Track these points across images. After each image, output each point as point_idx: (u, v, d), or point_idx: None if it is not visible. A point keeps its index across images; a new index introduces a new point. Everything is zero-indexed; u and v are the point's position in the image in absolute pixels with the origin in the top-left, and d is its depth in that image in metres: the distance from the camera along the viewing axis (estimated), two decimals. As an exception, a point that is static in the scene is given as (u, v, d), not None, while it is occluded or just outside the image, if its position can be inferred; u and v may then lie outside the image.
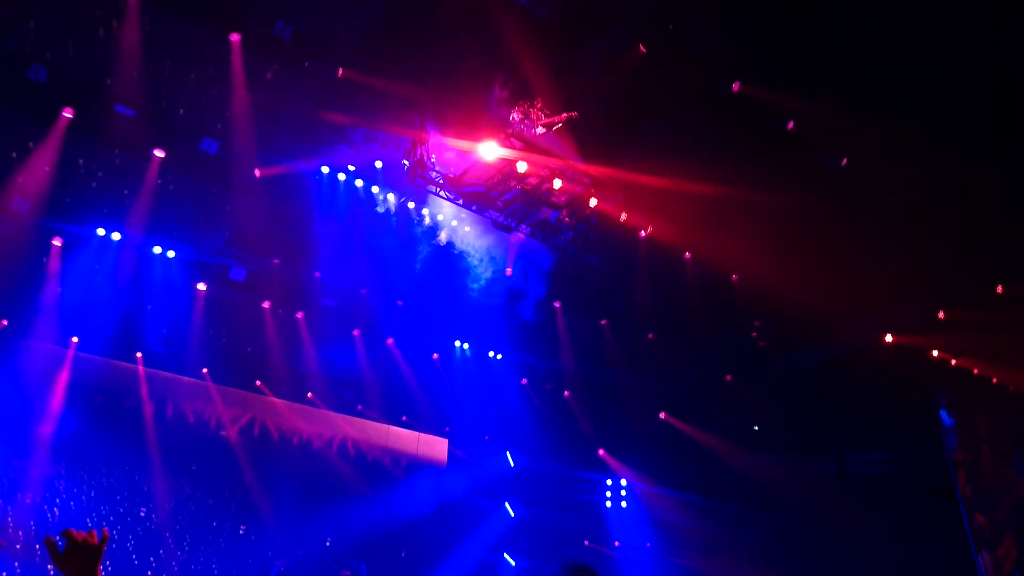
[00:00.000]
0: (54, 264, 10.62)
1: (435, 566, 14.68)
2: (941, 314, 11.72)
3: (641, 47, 9.28)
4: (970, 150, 9.31)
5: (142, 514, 12.22)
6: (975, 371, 12.19)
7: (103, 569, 2.54)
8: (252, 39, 9.07)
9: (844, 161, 10.44)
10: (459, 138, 8.44)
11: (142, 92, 9.52)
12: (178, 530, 12.47)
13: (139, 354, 12.55)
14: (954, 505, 11.97)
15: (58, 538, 2.45)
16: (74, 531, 2.44)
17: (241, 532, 13.05)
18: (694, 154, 10.42)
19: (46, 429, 11.45)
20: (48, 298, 10.97)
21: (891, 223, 10.58)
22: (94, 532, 2.47)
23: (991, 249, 10.45)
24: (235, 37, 8.96)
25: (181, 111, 9.98)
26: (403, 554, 14.57)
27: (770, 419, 13.63)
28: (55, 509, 11.36)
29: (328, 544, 13.75)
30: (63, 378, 11.76)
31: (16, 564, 10.37)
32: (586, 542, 15.62)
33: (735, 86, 9.70)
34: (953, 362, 12.22)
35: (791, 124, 10.10)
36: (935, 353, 12.23)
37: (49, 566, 10.22)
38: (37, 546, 10.48)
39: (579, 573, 2.91)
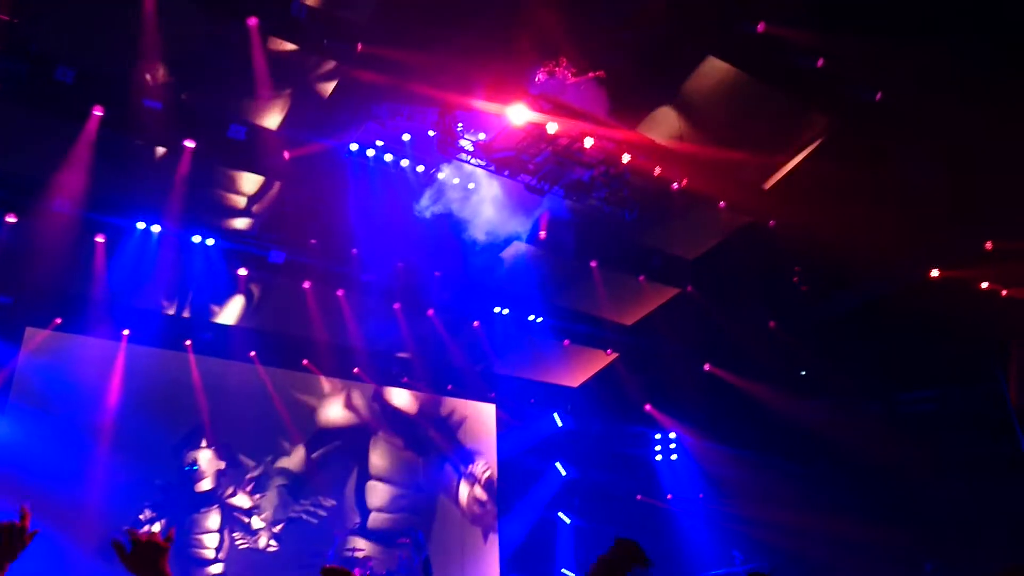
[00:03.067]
0: (100, 260, 10.86)
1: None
2: (988, 244, 11.43)
3: (662, -5, 9.11)
4: (1010, 71, 9.02)
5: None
6: (1027, 300, 11.92)
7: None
8: (269, 21, 9.07)
9: (879, 95, 10.18)
10: (486, 103, 8.37)
11: (167, 84, 9.62)
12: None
13: (188, 342, 12.84)
14: (1013, 439, 11.78)
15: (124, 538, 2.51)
16: (138, 531, 2.50)
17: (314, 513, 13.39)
18: (725, 101, 10.25)
19: (105, 422, 11.81)
20: (97, 294, 11.24)
21: (929, 155, 10.32)
22: (157, 534, 2.54)
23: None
24: (252, 21, 8.96)
25: (206, 100, 10.07)
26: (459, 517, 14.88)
27: (816, 363, 13.49)
28: (119, 497, 11.73)
29: (386, 514, 14.07)
30: (118, 370, 12.10)
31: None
32: (639, 497, 15.74)
33: (760, 27, 9.49)
34: (1004, 293, 11.95)
35: (821, 61, 9.86)
36: (984, 285, 11.97)
37: None
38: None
39: (627, 548, 2.90)
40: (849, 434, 12.72)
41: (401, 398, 15.00)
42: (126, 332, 12.24)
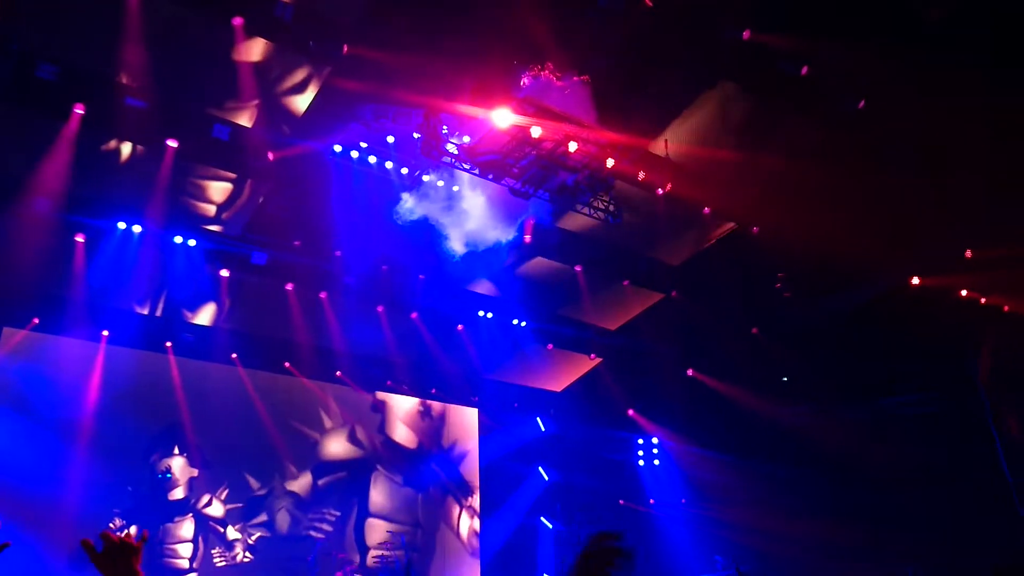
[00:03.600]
0: (79, 260, 10.75)
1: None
2: (968, 253, 11.55)
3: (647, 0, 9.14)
4: (993, 82, 9.12)
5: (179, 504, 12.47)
6: (1006, 308, 12.05)
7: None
8: (255, 21, 9.02)
9: (862, 103, 10.26)
10: (471, 107, 8.36)
11: (151, 83, 9.53)
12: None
13: (169, 343, 12.72)
14: (991, 445, 11.89)
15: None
16: (111, 533, 2.48)
17: (286, 515, 13.27)
18: (709, 106, 10.29)
19: (83, 424, 11.67)
20: (76, 294, 11.12)
21: (911, 164, 10.41)
22: (131, 534, 2.51)
23: (1016, 184, 10.25)
24: (237, 21, 8.91)
25: (190, 100, 10.00)
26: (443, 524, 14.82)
27: (799, 369, 13.57)
28: (94, 501, 11.59)
29: (367, 515, 13.99)
30: (97, 372, 11.97)
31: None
32: (621, 501, 15.75)
33: (745, 34, 9.54)
34: (983, 300, 12.08)
35: (805, 69, 9.92)
36: (964, 293, 12.09)
37: None
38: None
39: (603, 539, 2.62)
40: (831, 439, 12.79)
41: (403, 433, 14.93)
42: (105, 333, 12.11)
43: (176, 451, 12.60)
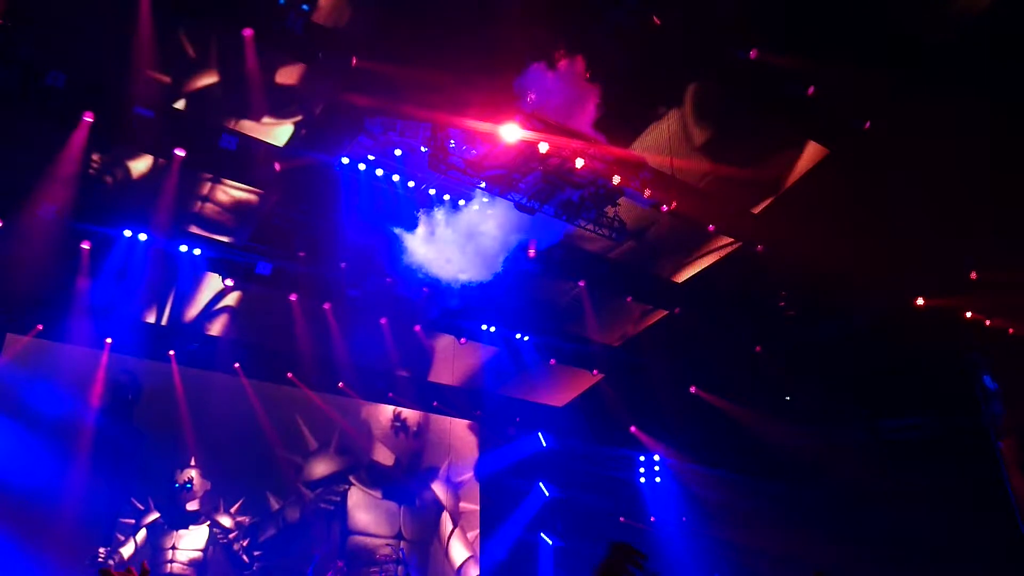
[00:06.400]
0: (84, 268, 10.76)
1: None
2: (973, 275, 11.53)
3: (655, 18, 9.18)
4: (997, 104, 9.14)
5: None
6: (1010, 331, 12.01)
7: None
8: (265, 33, 9.07)
9: (867, 124, 10.28)
10: (478, 121, 8.38)
11: (159, 92, 9.59)
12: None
13: (172, 352, 12.71)
14: (995, 470, 11.82)
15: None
16: (112, 570, 2.47)
17: (284, 524, 13.23)
18: (715, 125, 10.32)
19: (85, 431, 11.65)
20: (81, 302, 11.12)
21: (917, 185, 10.41)
22: (132, 569, 2.50)
23: (1021, 206, 10.25)
24: (248, 32, 8.96)
25: (199, 109, 10.04)
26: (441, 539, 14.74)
27: (802, 389, 13.52)
28: (95, 511, 11.57)
29: (366, 529, 13.93)
30: (99, 380, 11.96)
31: None
32: (621, 519, 15.66)
33: (752, 53, 9.57)
34: (987, 323, 12.04)
35: (811, 89, 9.95)
36: (968, 315, 12.06)
37: None
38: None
39: (621, 550, 3.01)
40: (833, 458, 12.73)
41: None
42: (109, 340, 12.10)
43: (192, 462, 12.59)
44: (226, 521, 12.70)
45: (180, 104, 9.91)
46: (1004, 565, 10.97)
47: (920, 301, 11.95)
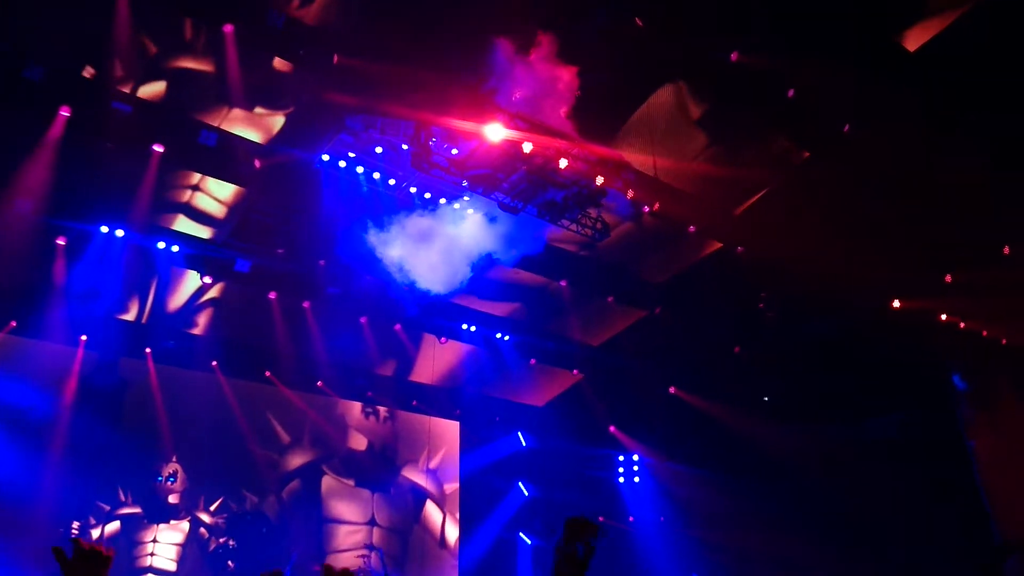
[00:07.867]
0: (59, 263, 10.61)
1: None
2: (948, 277, 11.69)
3: (638, 20, 9.22)
4: (974, 109, 9.28)
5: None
6: (984, 333, 12.19)
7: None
8: (245, 29, 9.00)
9: (846, 127, 10.38)
10: (461, 120, 8.37)
11: (138, 87, 9.48)
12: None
13: (148, 350, 12.57)
14: (969, 468, 11.99)
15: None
16: (83, 540, 2.45)
17: (262, 520, 13.15)
18: (697, 126, 10.37)
19: (59, 429, 11.49)
20: (55, 298, 10.96)
21: (894, 188, 10.54)
22: (101, 543, 2.49)
23: (996, 210, 10.42)
24: (228, 28, 8.88)
25: (178, 105, 9.93)
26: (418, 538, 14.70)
27: (781, 389, 13.64)
28: (69, 508, 11.42)
29: (344, 530, 13.86)
30: (73, 377, 11.80)
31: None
32: (600, 518, 15.70)
33: (733, 56, 9.63)
34: (962, 325, 12.21)
35: (791, 92, 10.03)
36: (943, 317, 12.22)
37: None
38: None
39: (579, 524, 3.11)
40: (811, 459, 12.86)
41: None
42: (84, 338, 11.93)
43: (174, 458, 12.47)
44: (205, 517, 12.59)
45: (159, 99, 9.80)
46: (980, 565, 11.14)
47: (897, 303, 12.10)
